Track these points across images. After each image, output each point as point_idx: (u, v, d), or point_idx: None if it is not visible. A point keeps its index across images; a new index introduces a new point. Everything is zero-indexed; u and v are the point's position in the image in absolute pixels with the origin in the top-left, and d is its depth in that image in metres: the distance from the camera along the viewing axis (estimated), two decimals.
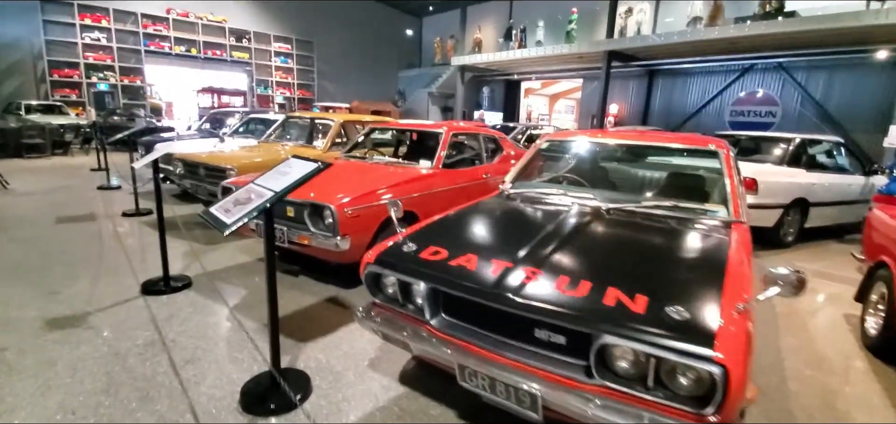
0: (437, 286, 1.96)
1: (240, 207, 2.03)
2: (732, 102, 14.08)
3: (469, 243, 2.29)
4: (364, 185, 3.70)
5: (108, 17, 17.19)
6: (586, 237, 2.30)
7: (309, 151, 5.95)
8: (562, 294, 1.72)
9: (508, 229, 2.59)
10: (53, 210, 6.16)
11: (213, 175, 5.27)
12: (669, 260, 2.12)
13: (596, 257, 2.13)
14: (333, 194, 3.48)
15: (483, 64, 18.20)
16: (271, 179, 2.22)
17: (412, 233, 2.40)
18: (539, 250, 2.09)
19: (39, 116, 13.31)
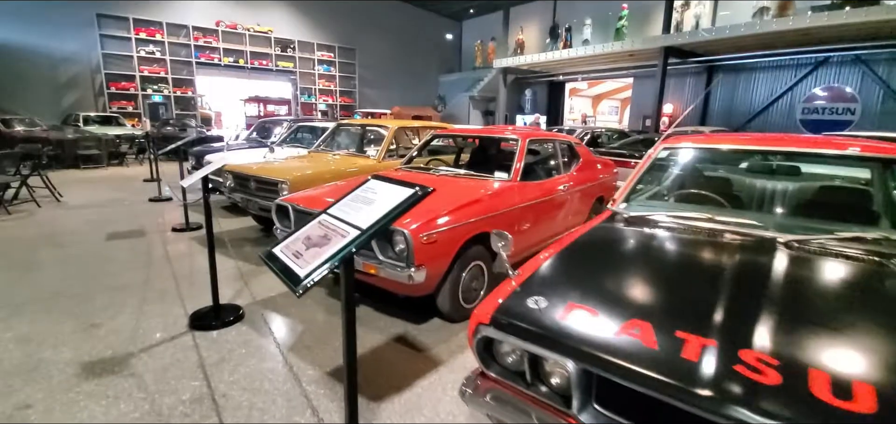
0: (600, 370, 1.32)
1: (314, 249, 1.46)
2: (804, 98, 12.77)
3: (621, 298, 1.62)
4: (438, 203, 3.10)
5: (161, 30, 17.45)
6: (789, 290, 1.59)
7: (361, 161, 5.42)
8: (833, 410, 1.04)
9: (665, 275, 1.85)
10: (104, 225, 5.89)
11: (265, 189, 4.81)
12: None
13: (832, 326, 1.40)
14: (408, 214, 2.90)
15: (527, 65, 17.44)
16: (350, 208, 1.64)
17: (529, 278, 1.76)
18: (736, 313, 1.42)
19: (97, 128, 13.51)
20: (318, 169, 4.89)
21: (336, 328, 3.20)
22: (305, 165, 5.21)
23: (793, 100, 13.09)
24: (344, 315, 1.52)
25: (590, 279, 1.76)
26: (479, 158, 4.92)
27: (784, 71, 13.29)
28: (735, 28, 11.50)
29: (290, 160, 5.57)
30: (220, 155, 6.99)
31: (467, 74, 22.48)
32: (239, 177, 5.14)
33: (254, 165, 5.26)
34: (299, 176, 4.63)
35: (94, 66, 16.56)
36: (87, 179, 9.66)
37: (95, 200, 7.47)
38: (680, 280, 1.74)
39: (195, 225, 5.75)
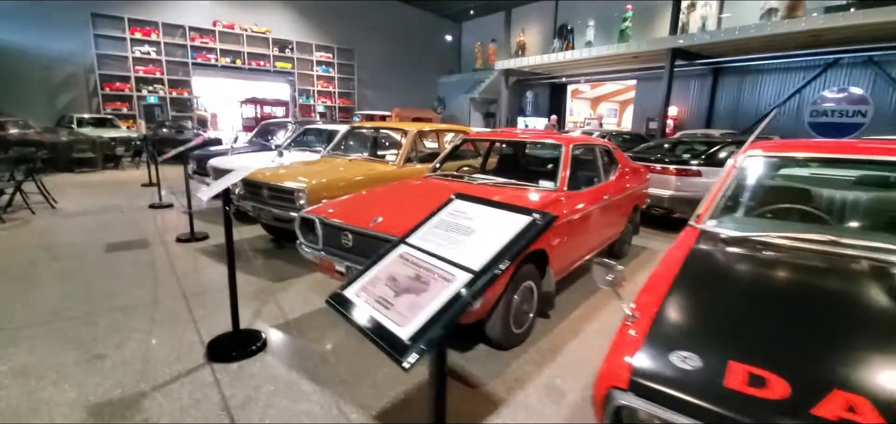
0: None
1: (409, 298, 1.10)
2: (813, 100, 12.57)
3: (789, 352, 1.27)
4: None
5: (157, 30, 16.95)
6: None
7: (380, 166, 5.05)
8: None
9: (835, 321, 1.43)
10: (102, 234, 5.47)
11: (279, 197, 4.42)
12: None
13: None
14: None
15: (529, 67, 17.13)
16: (442, 239, 1.28)
17: (655, 323, 1.41)
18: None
19: (91, 130, 13.00)
20: (336, 176, 4.51)
21: (371, 354, 2.84)
22: (321, 171, 4.83)
23: (801, 102, 12.88)
24: (433, 397, 1.15)
25: (737, 325, 1.41)
26: (508, 164, 4.57)
27: (792, 73, 13.09)
28: (745, 29, 11.25)
29: (302, 166, 5.18)
30: (223, 159, 6.58)
31: (467, 75, 22.16)
32: (250, 184, 4.75)
33: (266, 171, 4.87)
34: (317, 184, 4.25)
35: (89, 66, 16.03)
36: (83, 183, 9.20)
37: (93, 206, 7.03)
38: (844, 323, 1.38)
39: (201, 235, 5.35)
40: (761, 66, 13.46)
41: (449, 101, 22.22)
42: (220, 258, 4.65)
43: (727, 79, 14.30)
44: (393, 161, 5.07)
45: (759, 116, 13.64)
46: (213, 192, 2.57)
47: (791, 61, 12.86)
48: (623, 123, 25.27)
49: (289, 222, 4.42)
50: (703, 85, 14.77)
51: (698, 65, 14.03)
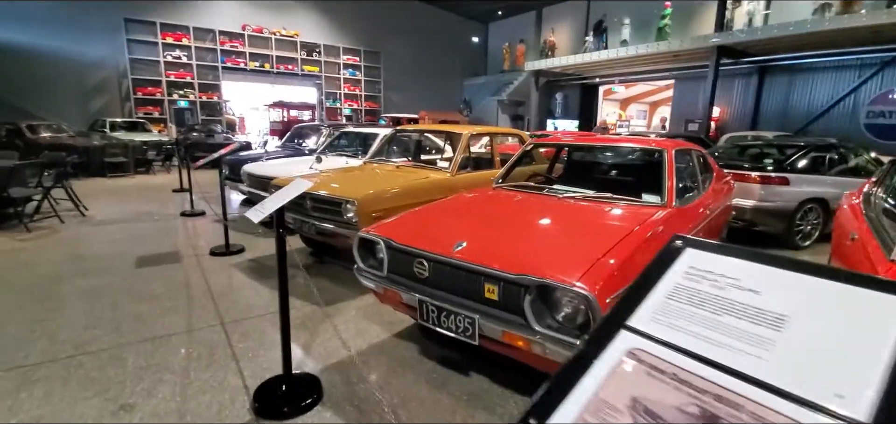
0: None
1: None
2: (869, 101, 11.61)
3: None
4: (594, 241, 2.16)
5: (188, 35, 16.79)
6: None
7: (432, 174, 4.49)
8: None
9: None
10: (133, 246, 5.04)
11: (325, 209, 3.91)
12: None
13: None
14: (567, 262, 1.97)
15: (560, 68, 16.44)
16: (725, 333, 0.70)
17: None
18: None
19: (123, 134, 12.83)
20: (387, 185, 3.97)
21: (448, 410, 2.28)
22: (368, 179, 4.31)
23: (856, 103, 11.90)
24: None
25: None
26: (579, 171, 3.96)
27: (846, 72, 12.11)
28: (800, 25, 10.40)
29: (345, 173, 4.67)
30: (258, 165, 6.13)
31: (494, 77, 21.54)
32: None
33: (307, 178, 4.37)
34: (368, 195, 3.72)
35: (122, 71, 15.95)
36: (114, 188, 8.90)
37: (123, 214, 6.66)
38: None
39: (236, 248, 4.88)
40: (812, 64, 12.51)
41: (475, 103, 21.64)
42: (260, 276, 4.16)
43: (774, 78, 13.37)
44: (445, 168, 4.51)
45: (809, 116, 12.70)
46: (268, 210, 2.05)
47: (845, 59, 11.90)
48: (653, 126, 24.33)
49: (335, 237, 3.91)
50: (748, 85, 13.86)
51: (744, 64, 13.16)
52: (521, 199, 3.05)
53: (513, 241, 2.30)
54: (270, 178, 5.29)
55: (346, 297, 3.69)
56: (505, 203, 2.98)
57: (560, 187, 3.21)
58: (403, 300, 2.42)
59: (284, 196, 2.10)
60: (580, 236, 2.34)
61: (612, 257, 1.99)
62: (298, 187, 2.20)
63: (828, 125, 12.41)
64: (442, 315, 2.20)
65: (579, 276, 1.83)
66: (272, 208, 2.04)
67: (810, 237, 5.33)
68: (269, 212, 2.05)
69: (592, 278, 1.82)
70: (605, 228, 2.46)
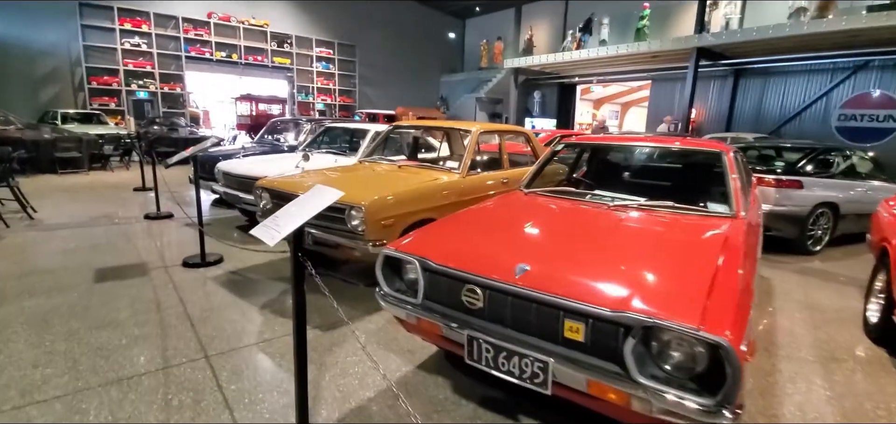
0: None
1: None
2: (841, 104, 11.87)
3: None
4: (695, 267, 1.77)
5: (148, 21, 15.61)
6: None
7: (441, 175, 4.02)
8: None
9: None
10: (91, 256, 4.34)
11: (326, 216, 3.38)
12: None
13: None
14: (677, 296, 1.56)
15: (539, 66, 16.22)
16: None
17: None
18: None
19: (76, 126, 11.69)
20: (395, 188, 3.47)
21: None
22: (372, 180, 3.80)
23: (828, 106, 12.16)
24: None
25: None
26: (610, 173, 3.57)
27: (818, 75, 12.36)
28: (779, 28, 10.50)
29: (343, 174, 4.13)
30: (236, 163, 5.49)
31: (471, 74, 21.18)
32: (280, 196, 3.69)
33: (302, 179, 3.82)
34: (378, 200, 3.22)
35: (75, 59, 14.65)
36: (67, 187, 7.97)
37: (78, 216, 5.86)
38: None
39: (213, 258, 4.26)
40: (787, 67, 12.72)
41: (452, 100, 21.22)
42: (245, 292, 3.59)
43: (749, 80, 13.54)
44: (454, 169, 4.04)
45: (783, 118, 12.92)
46: (287, 229, 1.54)
47: (818, 63, 12.14)
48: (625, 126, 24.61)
49: (337, 248, 3.39)
50: (724, 86, 14.01)
51: (721, 65, 13.28)
52: (566, 208, 2.62)
53: (589, 264, 1.87)
54: (253, 177, 4.69)
55: (352, 318, 3.18)
56: (550, 213, 2.55)
57: (604, 194, 2.80)
58: (444, 334, 1.96)
59: (309, 209, 1.60)
60: (668, 258, 1.93)
61: (724, 288, 1.60)
62: (325, 197, 1.70)
63: (800, 127, 12.66)
64: (501, 357, 1.75)
65: (700, 317, 1.42)
66: (293, 225, 1.54)
67: (821, 243, 5.18)
68: (288, 232, 1.54)
69: (718, 319, 1.41)
70: (691, 247, 2.06)
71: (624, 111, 25.48)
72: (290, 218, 1.58)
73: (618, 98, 24.64)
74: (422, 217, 3.46)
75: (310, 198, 1.69)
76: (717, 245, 1.97)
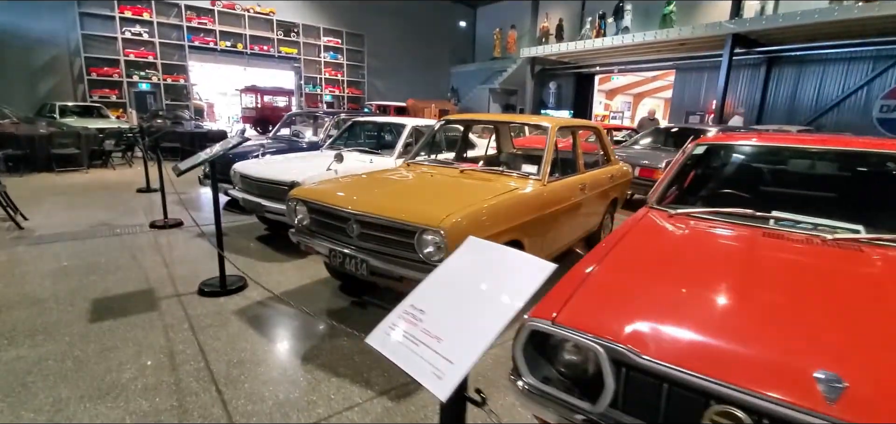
0: None
1: None
2: (883, 94, 11.04)
3: None
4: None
5: (150, 9, 14.68)
6: None
7: (520, 183, 3.20)
8: None
9: None
10: (86, 280, 3.54)
11: (387, 240, 2.58)
12: None
13: None
14: None
15: (556, 55, 15.35)
16: None
17: None
18: None
19: (76, 120, 10.83)
20: (473, 203, 2.65)
21: None
22: (437, 191, 3.00)
23: (869, 96, 11.32)
24: None
25: None
26: (760, 185, 2.74)
27: (859, 63, 11.50)
28: (826, 12, 9.69)
29: (396, 181, 3.32)
30: (255, 164, 4.67)
31: (484, 64, 20.26)
32: (324, 212, 2.88)
33: (349, 189, 3.00)
34: (460, 221, 2.40)
35: (73, 48, 13.74)
36: (64, 187, 7.14)
37: (74, 224, 5.04)
38: None
39: (235, 283, 3.46)
40: (824, 55, 11.85)
41: (463, 92, 20.32)
42: (278, 335, 2.80)
43: (783, 69, 12.68)
44: (532, 174, 3.22)
45: (819, 110, 12.09)
46: (466, 365, 0.73)
47: (859, 50, 11.29)
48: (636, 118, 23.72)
49: (398, 280, 2.59)
50: (755, 76, 13.14)
51: (755, 53, 12.42)
52: (765, 243, 1.79)
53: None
54: (278, 182, 3.89)
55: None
56: (758, 256, 1.72)
57: (786, 216, 1.98)
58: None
59: (499, 314, 0.79)
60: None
61: None
62: (528, 277, 0.89)
63: (838, 119, 11.84)
64: None
65: None
66: (477, 352, 0.73)
67: None
68: (468, 366, 0.74)
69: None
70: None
71: (636, 102, 24.61)
72: (471, 337, 0.77)
73: (630, 89, 23.76)
74: (508, 239, 2.67)
75: (492, 276, 0.88)
76: None
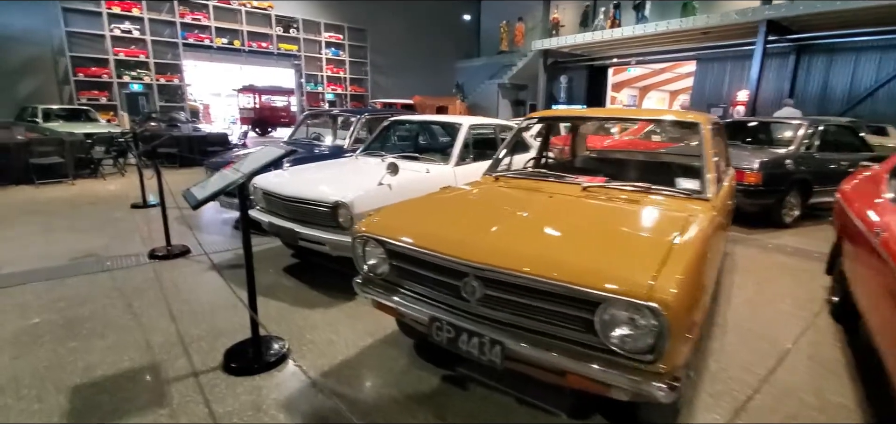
0: None
1: None
2: None
3: None
4: None
5: (139, 4, 13.41)
6: None
7: (690, 205, 2.19)
8: None
9: None
10: (61, 349, 2.48)
11: (537, 305, 1.57)
12: None
13: None
14: None
15: (569, 47, 14.39)
16: None
17: None
18: None
19: (61, 125, 9.62)
20: (662, 246, 1.65)
21: None
22: (581, 220, 1.99)
23: None
24: None
25: None
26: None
27: (894, 51, 10.69)
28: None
29: (500, 200, 2.30)
30: (278, 177, 3.60)
31: (490, 59, 19.22)
32: (420, 261, 1.86)
33: (446, 225, 1.98)
34: (678, 291, 1.38)
35: (57, 47, 12.46)
36: (43, 204, 6.01)
37: (53, 257, 3.95)
38: None
39: (275, 350, 2.43)
40: (858, 43, 11.03)
41: (469, 88, 19.27)
42: None
43: (814, 58, 11.83)
44: (696, 192, 2.22)
45: (852, 100, 11.27)
46: None
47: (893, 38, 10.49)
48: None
49: (561, 374, 1.58)
50: (783, 65, 12.29)
51: (786, 41, 11.56)
52: None
53: None
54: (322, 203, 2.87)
55: None
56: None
57: None
58: None
59: None
60: None
61: None
62: None
63: (873, 109, 11.02)
64: None
65: None
66: None
67: None
68: None
69: None
70: None
71: (642, 95, 23.79)
72: None
73: (636, 82, 22.93)
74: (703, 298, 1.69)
75: None
76: None
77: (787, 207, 5.08)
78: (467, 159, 3.95)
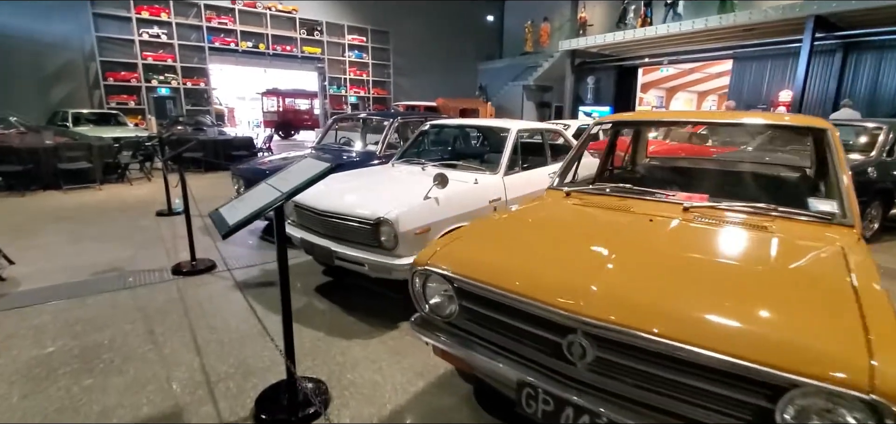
0: None
1: None
2: None
3: None
4: None
5: (168, 9, 13.39)
6: None
7: (824, 230, 1.75)
8: None
9: None
10: (74, 387, 2.18)
11: (674, 379, 1.16)
12: None
13: None
14: None
15: (598, 47, 13.82)
16: None
17: None
18: None
19: (90, 129, 9.57)
20: (846, 301, 1.23)
21: None
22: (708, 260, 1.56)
23: None
24: None
25: None
26: None
27: None
28: None
29: (585, 221, 1.89)
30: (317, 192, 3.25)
31: (514, 60, 18.72)
32: (504, 307, 1.46)
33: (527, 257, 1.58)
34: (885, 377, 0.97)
35: (88, 52, 12.50)
36: (71, 210, 5.83)
37: (74, 271, 3.69)
38: None
39: (312, 400, 2.07)
40: None
41: (493, 90, 18.81)
42: None
43: (863, 56, 11.01)
44: (832, 215, 1.78)
45: None
46: None
47: None
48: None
49: None
50: (828, 64, 11.49)
51: (834, 39, 10.80)
52: None
53: None
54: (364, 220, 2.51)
55: None
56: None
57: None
58: None
59: None
60: None
61: None
62: None
63: None
64: None
65: None
66: None
67: None
68: None
69: None
70: None
71: (669, 96, 22.93)
72: None
73: (664, 82, 22.09)
74: None
75: None
76: None
77: (867, 219, 4.52)
78: (516, 168, 3.54)
